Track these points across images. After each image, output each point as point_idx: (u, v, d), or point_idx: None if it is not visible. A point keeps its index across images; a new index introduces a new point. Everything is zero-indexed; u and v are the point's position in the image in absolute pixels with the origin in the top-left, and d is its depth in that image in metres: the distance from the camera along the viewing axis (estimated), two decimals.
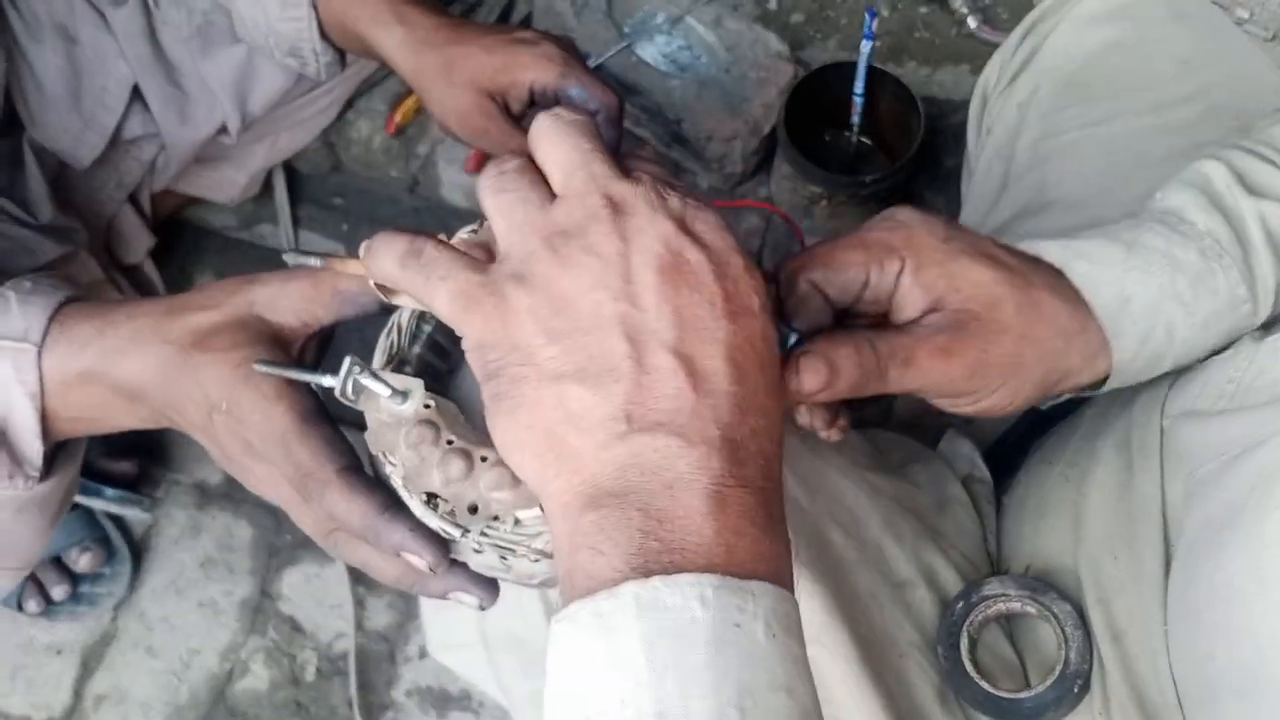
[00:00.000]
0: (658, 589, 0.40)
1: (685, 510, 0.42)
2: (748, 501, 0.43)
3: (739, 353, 0.44)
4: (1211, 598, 0.55)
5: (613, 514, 0.42)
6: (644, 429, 0.43)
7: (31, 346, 0.61)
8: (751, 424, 0.44)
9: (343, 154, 1.39)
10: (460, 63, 0.81)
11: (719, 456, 0.43)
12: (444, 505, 0.50)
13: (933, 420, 0.96)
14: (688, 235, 0.45)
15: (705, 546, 0.41)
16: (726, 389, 0.44)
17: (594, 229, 0.45)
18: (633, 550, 0.41)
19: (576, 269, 0.45)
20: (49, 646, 1.33)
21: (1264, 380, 0.59)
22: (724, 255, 0.46)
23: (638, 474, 0.42)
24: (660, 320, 0.44)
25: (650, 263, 0.44)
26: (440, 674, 1.28)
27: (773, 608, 0.41)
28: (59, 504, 0.71)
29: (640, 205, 0.46)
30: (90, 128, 1.08)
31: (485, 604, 0.54)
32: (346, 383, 0.51)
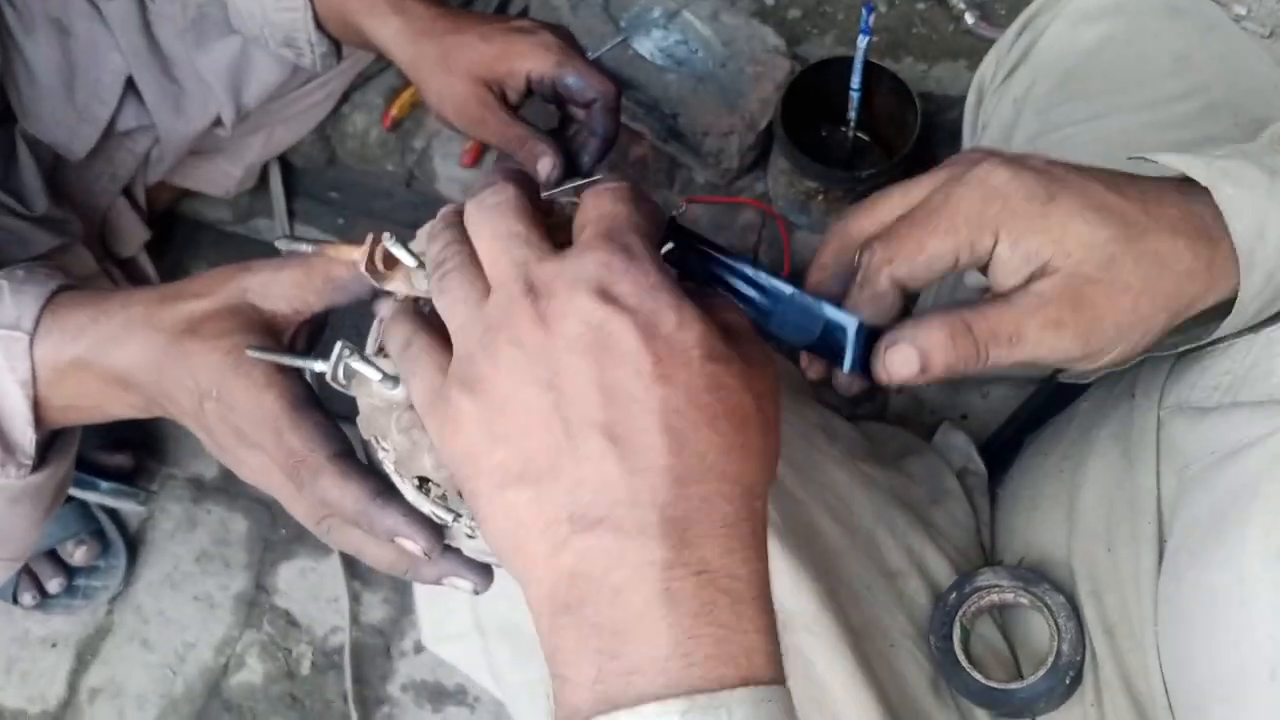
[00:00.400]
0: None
1: (637, 618, 0.39)
2: (703, 595, 0.40)
3: (675, 417, 0.41)
4: (1196, 603, 0.54)
5: (571, 633, 0.40)
6: (585, 528, 0.40)
7: (24, 335, 0.61)
8: (700, 492, 0.41)
9: (338, 148, 1.38)
10: (457, 52, 0.80)
11: (661, 544, 0.40)
12: (436, 489, 0.50)
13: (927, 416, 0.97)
14: (609, 304, 0.42)
15: (660, 660, 0.39)
16: (661, 463, 0.40)
17: (517, 320, 0.43)
18: (594, 676, 0.39)
19: (506, 365, 0.43)
20: (44, 639, 1.33)
21: (1258, 373, 0.59)
22: (651, 316, 0.42)
23: (585, 582, 0.40)
24: (587, 403, 0.41)
25: (572, 344, 0.42)
26: (436, 669, 1.28)
27: (750, 715, 0.38)
28: (53, 495, 0.71)
29: (558, 286, 0.43)
30: (84, 120, 1.08)
31: (480, 589, 0.54)
32: (338, 367, 0.51)
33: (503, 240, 0.45)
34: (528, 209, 0.46)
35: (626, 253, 0.43)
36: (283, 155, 1.36)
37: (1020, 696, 0.66)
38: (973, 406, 0.92)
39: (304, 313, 0.58)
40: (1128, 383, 0.70)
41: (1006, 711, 0.67)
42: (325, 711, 1.28)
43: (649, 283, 0.43)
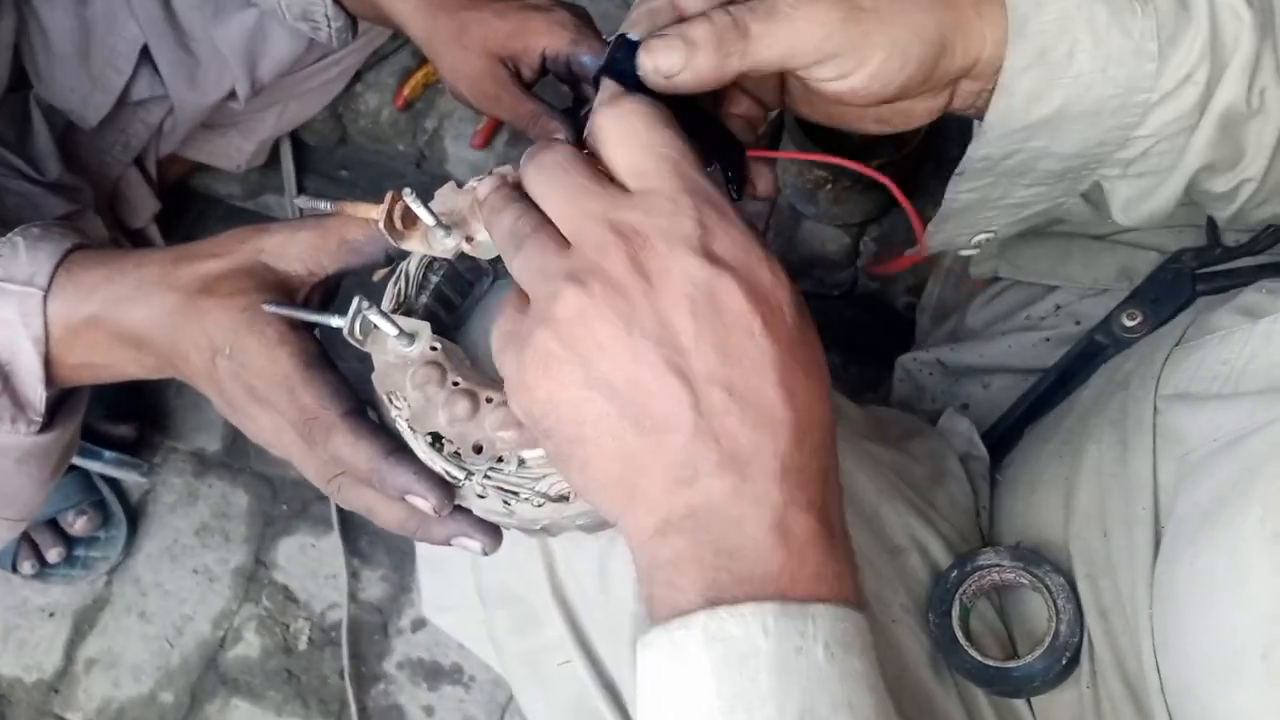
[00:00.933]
0: (723, 620, 0.42)
1: (752, 544, 0.43)
2: (810, 526, 0.44)
3: (786, 372, 0.44)
4: (1192, 586, 0.55)
5: (686, 550, 0.44)
6: (708, 473, 0.43)
7: (38, 291, 0.61)
8: (809, 443, 0.45)
9: (350, 126, 1.39)
10: (473, 27, 0.80)
11: (780, 488, 0.44)
12: (449, 446, 0.51)
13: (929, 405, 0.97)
14: (714, 264, 0.44)
15: (771, 577, 0.43)
16: (780, 417, 0.44)
17: (612, 268, 0.44)
18: (705, 584, 0.43)
19: (605, 311, 0.44)
20: (42, 609, 1.33)
21: (1257, 364, 0.59)
22: (753, 273, 0.45)
23: (706, 514, 0.43)
24: (704, 361, 0.43)
25: (681, 303, 0.44)
26: (432, 647, 1.29)
27: (831, 629, 0.43)
28: (60, 456, 0.71)
29: (657, 241, 0.44)
30: (98, 88, 1.08)
31: (488, 549, 0.55)
32: (355, 322, 0.51)
33: (572, 193, 0.46)
34: (586, 160, 0.48)
35: (714, 206, 0.46)
36: (294, 132, 1.37)
37: (1016, 675, 0.66)
38: (974, 396, 0.93)
39: (318, 274, 0.59)
40: (1125, 373, 0.71)
41: (1002, 690, 0.68)
42: (321, 687, 1.28)
43: (744, 238, 0.45)
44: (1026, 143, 0.59)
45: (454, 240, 0.52)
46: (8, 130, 1.03)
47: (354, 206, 0.55)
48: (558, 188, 0.47)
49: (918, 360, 0.98)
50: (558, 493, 0.51)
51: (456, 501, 0.53)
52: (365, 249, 0.58)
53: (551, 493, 0.51)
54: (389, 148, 1.40)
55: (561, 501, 0.51)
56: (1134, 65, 0.55)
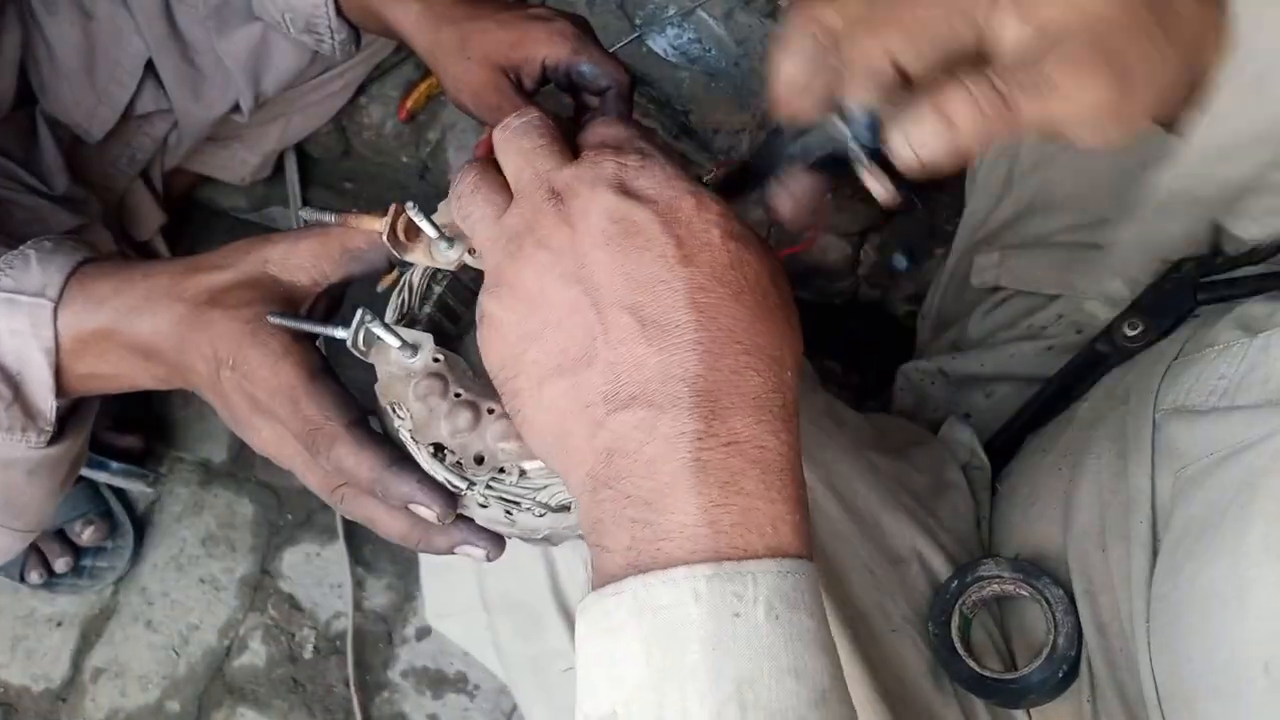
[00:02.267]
0: (653, 586, 0.40)
1: (668, 488, 0.40)
2: (731, 464, 0.41)
3: (702, 294, 0.42)
4: (1191, 600, 0.55)
5: (609, 505, 0.42)
6: (619, 406, 0.42)
7: (49, 302, 0.61)
8: (730, 365, 0.42)
9: (354, 139, 1.39)
10: (475, 38, 0.81)
11: (692, 416, 0.41)
12: (451, 456, 0.51)
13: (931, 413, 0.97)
14: (630, 197, 0.44)
15: (689, 527, 0.40)
16: (690, 338, 0.42)
17: (542, 223, 0.45)
18: (628, 543, 0.41)
19: (533, 265, 0.45)
20: (49, 618, 1.34)
21: (1255, 378, 0.59)
22: (671, 203, 0.44)
23: (621, 457, 0.42)
24: (616, 288, 0.43)
25: (597, 239, 0.44)
26: (437, 656, 1.29)
27: (775, 587, 0.40)
28: (69, 467, 0.72)
29: (579, 186, 0.45)
30: (103, 102, 1.09)
31: (492, 555, 0.55)
32: (358, 334, 0.51)
33: (525, 154, 0.48)
34: (549, 126, 0.49)
35: (640, 153, 0.46)
36: (299, 144, 1.38)
37: (1013, 687, 0.66)
38: (976, 405, 0.93)
39: (321, 284, 0.59)
40: (1126, 386, 0.71)
41: (1000, 701, 0.68)
42: (326, 696, 1.29)
43: (665, 174, 0.45)
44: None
45: (456, 252, 0.53)
46: (15, 145, 1.04)
47: (357, 219, 0.56)
48: (514, 149, 0.48)
49: (919, 369, 0.98)
50: (558, 503, 0.51)
51: (459, 510, 0.53)
52: (368, 256, 0.58)
53: (552, 503, 0.51)
54: (393, 159, 1.40)
55: (563, 511, 0.52)
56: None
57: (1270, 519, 0.51)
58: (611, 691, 0.40)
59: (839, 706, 0.40)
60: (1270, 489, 0.52)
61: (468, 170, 0.50)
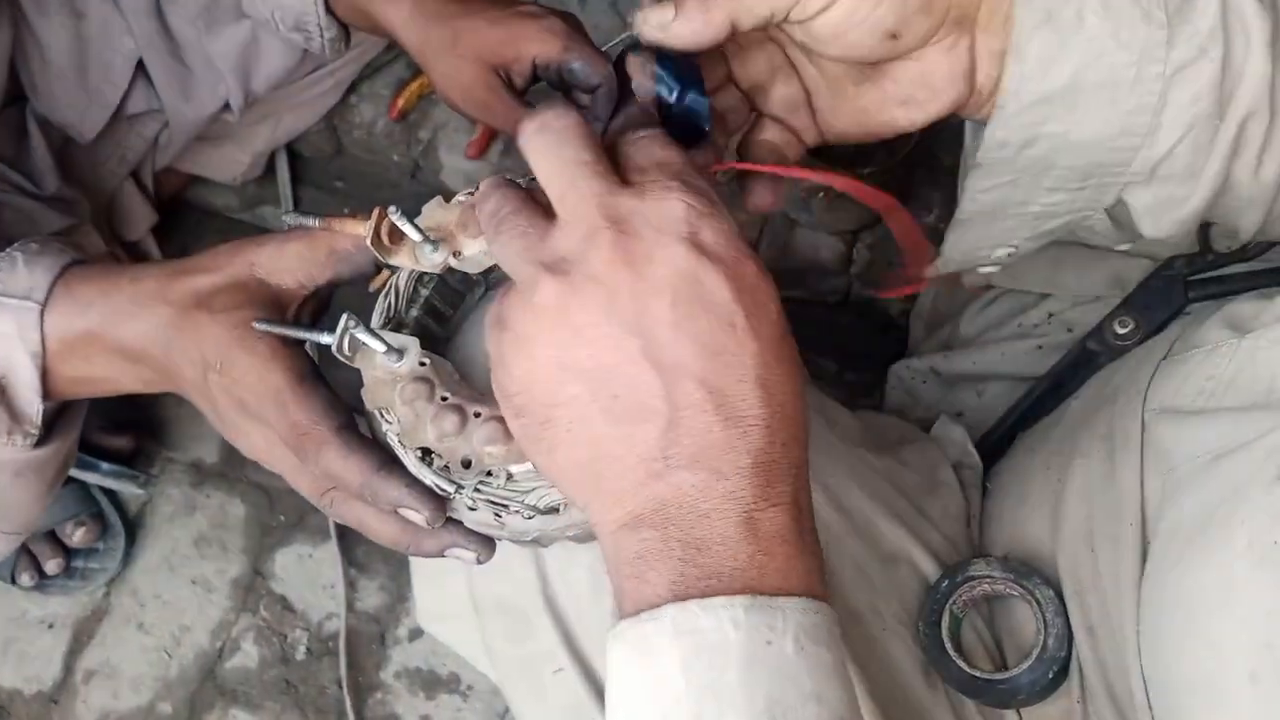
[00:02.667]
0: (694, 613, 0.42)
1: (721, 538, 0.43)
2: (779, 521, 0.44)
3: (765, 370, 0.44)
4: (1179, 604, 0.55)
5: (654, 544, 0.43)
6: (680, 465, 0.43)
7: (35, 305, 0.61)
8: (782, 439, 0.44)
9: (345, 138, 1.39)
10: (465, 36, 0.81)
11: (751, 485, 0.43)
12: (438, 460, 0.51)
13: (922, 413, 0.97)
14: (698, 253, 0.43)
15: (740, 571, 0.43)
16: (755, 414, 0.44)
17: (596, 255, 0.44)
18: (673, 578, 0.43)
19: (583, 298, 0.43)
20: (41, 620, 1.33)
21: (1242, 379, 0.59)
22: (738, 266, 0.44)
23: (676, 508, 0.43)
24: (682, 352, 0.43)
25: (663, 292, 0.43)
26: (430, 656, 1.29)
27: (801, 622, 0.43)
28: (57, 470, 0.71)
29: (643, 227, 0.44)
30: (94, 102, 1.09)
31: (483, 558, 0.55)
32: (343, 339, 0.51)
33: (572, 168, 0.46)
34: (593, 137, 0.47)
35: (706, 198, 0.45)
36: (290, 144, 1.37)
37: (1002, 687, 0.66)
38: (968, 404, 0.93)
39: (309, 286, 0.59)
40: (1115, 385, 0.71)
41: (989, 701, 0.68)
42: (319, 697, 1.28)
43: (730, 229, 0.45)
44: (1044, 126, 0.57)
45: (441, 255, 0.53)
46: (5, 145, 1.04)
47: (341, 223, 0.56)
48: (556, 158, 0.46)
49: (911, 368, 0.98)
50: (547, 505, 0.51)
51: (448, 514, 0.53)
52: (355, 259, 0.58)
53: (541, 505, 0.51)
54: (384, 159, 1.40)
55: (551, 514, 0.51)
56: (1145, 30, 0.53)
57: (1255, 525, 0.51)
58: (648, 707, 0.43)
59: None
60: (1255, 494, 0.52)
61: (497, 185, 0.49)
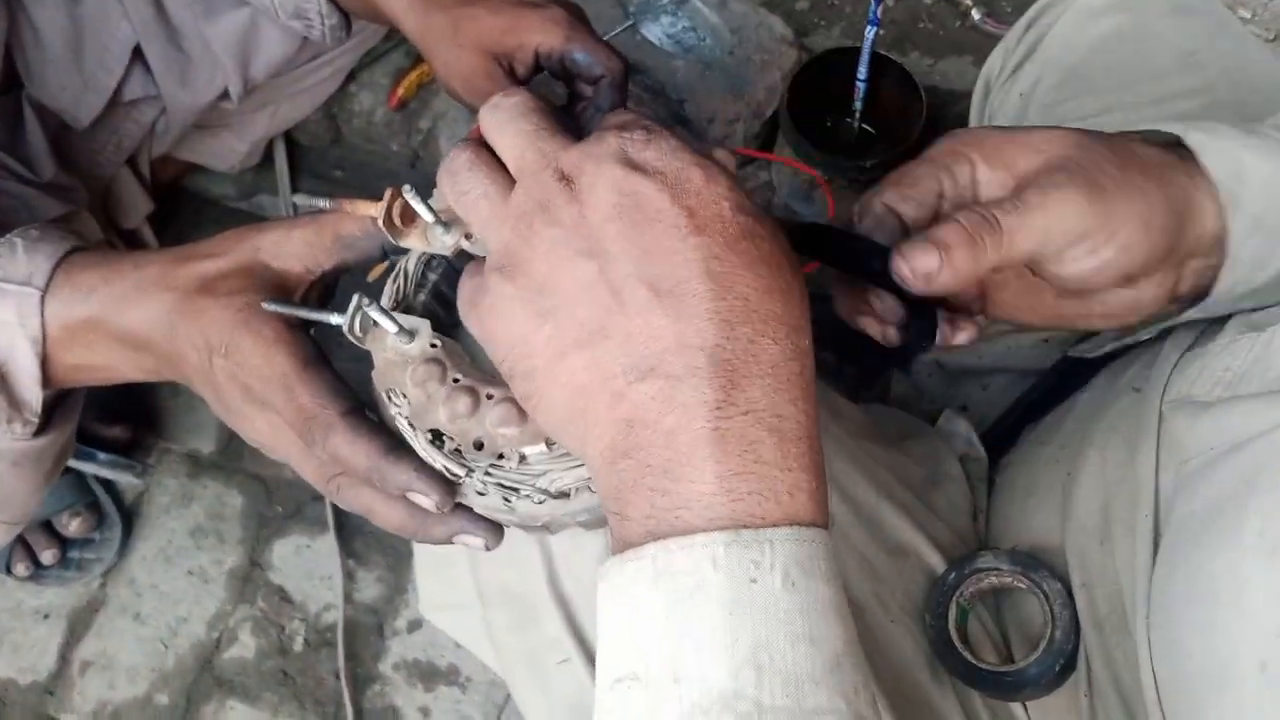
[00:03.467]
0: (672, 552, 0.40)
1: (686, 457, 0.41)
2: (749, 433, 0.41)
3: (716, 263, 0.43)
4: (1190, 596, 0.54)
5: (629, 474, 0.42)
6: (639, 378, 0.42)
7: (35, 291, 0.61)
8: (747, 333, 0.42)
9: (344, 126, 1.38)
10: (466, 24, 0.80)
11: (710, 385, 0.41)
12: (450, 443, 0.50)
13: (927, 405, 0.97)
14: (637, 171, 0.44)
15: (706, 496, 0.41)
16: (706, 308, 0.42)
17: (550, 201, 0.45)
18: (647, 511, 0.41)
19: (544, 244, 0.45)
20: (36, 611, 1.33)
21: (1258, 369, 0.59)
22: (679, 174, 0.44)
23: (641, 427, 0.42)
24: (627, 261, 0.43)
25: (607, 212, 0.44)
26: (428, 648, 1.28)
27: (792, 554, 0.40)
28: (54, 460, 0.71)
29: (585, 163, 0.45)
30: (90, 87, 1.08)
31: (490, 545, 0.54)
32: (355, 319, 0.51)
33: (525, 135, 0.47)
34: (543, 106, 0.49)
35: (645, 129, 0.46)
36: (288, 133, 1.37)
37: (1008, 679, 0.66)
38: (972, 397, 0.93)
39: (314, 271, 0.58)
40: (1130, 377, 0.71)
41: (995, 694, 0.68)
42: (317, 688, 1.28)
43: (670, 146, 0.45)
44: (1241, 303, 0.60)
45: (453, 237, 0.52)
46: (1, 131, 1.03)
47: (352, 204, 0.55)
48: (511, 129, 0.48)
49: (916, 361, 0.98)
50: (558, 489, 0.51)
51: (457, 499, 0.53)
52: (361, 244, 0.58)
53: (552, 489, 0.50)
54: (383, 148, 1.39)
55: (562, 498, 0.51)
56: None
57: (1266, 515, 0.50)
58: (632, 654, 0.41)
59: (853, 672, 0.41)
60: (1266, 484, 0.51)
61: (461, 149, 0.50)
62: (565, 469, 0.50)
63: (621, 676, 0.41)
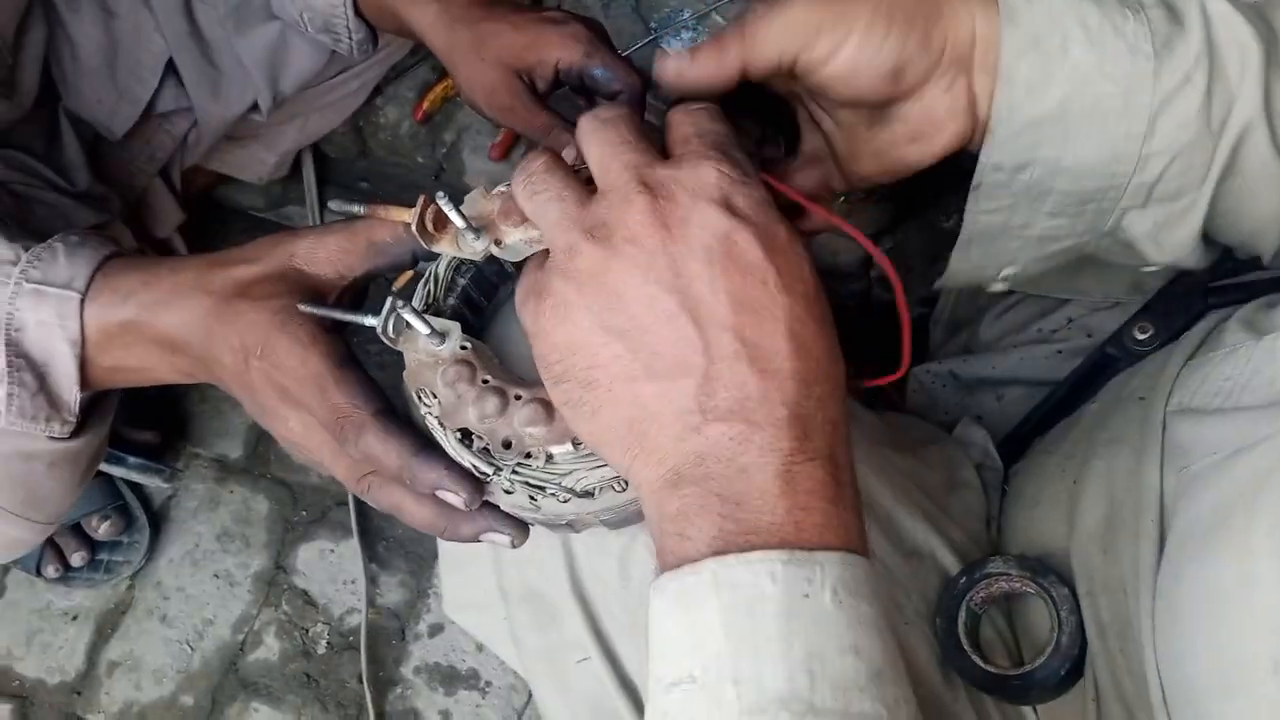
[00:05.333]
0: (733, 567, 0.43)
1: (759, 492, 0.44)
2: (816, 475, 0.45)
3: (798, 324, 0.45)
4: (1197, 598, 0.55)
5: (694, 500, 0.45)
6: (717, 419, 0.45)
7: (75, 294, 0.62)
8: (818, 393, 0.46)
9: (370, 139, 1.40)
10: (490, 39, 0.82)
11: (787, 436, 0.44)
12: (478, 442, 0.52)
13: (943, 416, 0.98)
14: (731, 215, 0.46)
15: (777, 525, 0.44)
16: (791, 367, 0.45)
17: (633, 218, 0.46)
18: (714, 534, 0.44)
19: (622, 260, 0.46)
20: (65, 612, 1.35)
21: (1260, 379, 0.60)
22: (770, 229, 0.46)
23: (714, 461, 0.45)
24: (718, 308, 0.45)
25: (697, 252, 0.45)
26: (449, 652, 1.30)
27: (840, 575, 0.43)
28: (89, 461, 0.73)
29: (679, 191, 0.46)
30: (124, 99, 1.10)
31: (517, 542, 0.56)
32: (388, 320, 0.52)
33: (614, 146, 0.49)
34: (638, 124, 0.50)
35: (740, 167, 0.48)
36: (316, 145, 1.39)
37: (1015, 683, 0.67)
38: (987, 408, 0.93)
39: (347, 277, 0.60)
40: (1134, 387, 0.71)
41: (1004, 697, 0.68)
42: (340, 691, 1.30)
43: (763, 196, 0.47)
44: (1036, 151, 0.59)
45: (484, 243, 0.54)
46: (37, 142, 1.05)
47: (386, 210, 0.57)
48: (602, 138, 0.49)
49: (931, 372, 0.99)
50: (584, 488, 0.52)
51: (484, 497, 0.54)
52: (392, 250, 0.59)
53: (578, 488, 0.52)
54: (408, 160, 1.41)
55: (587, 497, 0.52)
56: (1130, 63, 0.56)
57: (1276, 513, 0.51)
58: (689, 658, 0.43)
59: (895, 685, 0.44)
60: (1275, 487, 0.52)
61: (540, 152, 0.51)
62: (590, 468, 0.52)
63: (679, 680, 0.43)
